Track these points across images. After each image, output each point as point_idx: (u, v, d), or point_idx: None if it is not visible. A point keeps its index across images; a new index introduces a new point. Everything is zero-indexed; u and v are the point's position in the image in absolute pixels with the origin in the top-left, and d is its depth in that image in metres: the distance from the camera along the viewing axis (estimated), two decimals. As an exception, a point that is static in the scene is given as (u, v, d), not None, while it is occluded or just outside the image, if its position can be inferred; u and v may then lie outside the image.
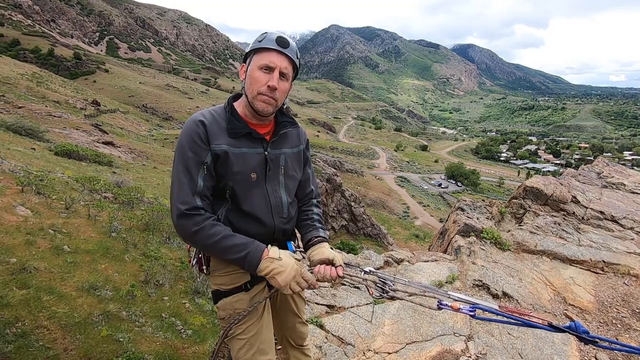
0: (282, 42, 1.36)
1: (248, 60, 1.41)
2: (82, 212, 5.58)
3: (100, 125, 30.59)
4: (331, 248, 1.49)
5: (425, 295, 1.32)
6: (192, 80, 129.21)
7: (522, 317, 1.12)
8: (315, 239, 1.50)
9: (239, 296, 1.44)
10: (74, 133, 22.21)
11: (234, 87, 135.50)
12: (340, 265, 1.40)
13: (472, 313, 1.18)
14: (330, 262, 1.40)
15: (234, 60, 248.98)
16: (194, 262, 1.50)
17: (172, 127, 58.62)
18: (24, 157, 9.92)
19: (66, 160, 13.02)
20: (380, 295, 1.34)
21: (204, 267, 1.47)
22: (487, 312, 1.17)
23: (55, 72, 67.83)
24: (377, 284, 1.35)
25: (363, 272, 1.41)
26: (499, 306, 1.15)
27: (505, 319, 1.14)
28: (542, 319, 1.10)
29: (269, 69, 1.35)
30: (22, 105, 26.21)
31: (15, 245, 3.90)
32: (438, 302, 1.23)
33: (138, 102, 68.26)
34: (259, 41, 1.38)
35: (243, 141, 1.39)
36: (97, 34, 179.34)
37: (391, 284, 1.35)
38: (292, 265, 1.29)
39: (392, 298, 1.35)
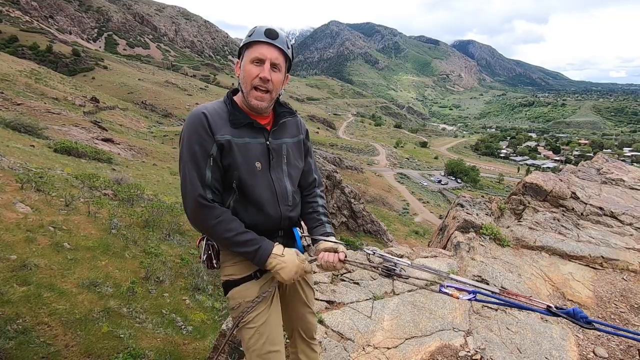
0: (270, 33, 1.40)
1: (241, 56, 1.45)
2: (82, 209, 5.58)
3: (99, 122, 30.51)
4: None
5: (427, 283, 1.33)
6: (191, 76, 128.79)
7: (524, 301, 1.13)
8: (322, 236, 1.57)
9: (249, 285, 1.48)
10: (73, 130, 22.16)
11: (233, 84, 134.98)
12: (343, 252, 1.47)
13: (473, 297, 1.21)
14: (334, 250, 1.48)
15: (233, 57, 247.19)
16: (204, 257, 1.53)
17: (172, 124, 58.44)
18: (23, 154, 9.91)
19: (65, 157, 13.01)
20: (387, 275, 1.39)
21: (215, 262, 1.51)
22: (487, 297, 1.19)
23: (54, 68, 67.47)
24: (382, 268, 1.40)
25: (367, 254, 1.48)
26: (500, 289, 1.17)
27: (504, 302, 1.16)
28: (541, 302, 1.11)
29: (260, 62, 1.39)
30: (21, 102, 26.11)
31: (16, 242, 3.91)
32: (440, 287, 1.27)
33: (137, 99, 67.99)
34: (249, 35, 1.42)
35: (245, 131, 1.43)
36: (96, 30, 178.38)
37: (397, 269, 1.39)
38: (294, 261, 1.41)
39: (399, 277, 1.39)
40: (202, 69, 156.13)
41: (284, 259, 1.39)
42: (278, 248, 1.41)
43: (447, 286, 1.26)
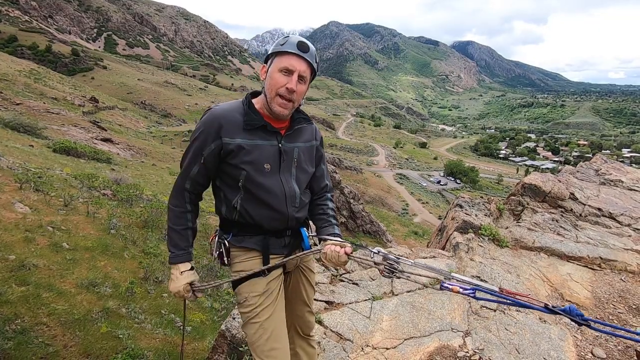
0: (302, 46, 1.44)
1: (269, 62, 1.49)
2: (81, 209, 5.58)
3: (98, 122, 30.51)
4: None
5: (429, 282, 1.34)
6: (190, 77, 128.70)
7: (522, 299, 1.15)
8: (329, 236, 1.61)
9: (256, 280, 1.52)
10: (72, 130, 22.15)
11: (232, 84, 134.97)
12: (349, 246, 1.51)
13: (472, 294, 1.23)
14: (340, 246, 1.52)
15: (232, 57, 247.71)
16: (216, 254, 1.59)
17: (171, 124, 58.40)
18: (22, 154, 9.90)
19: (64, 157, 12.99)
20: (390, 274, 1.41)
21: (225, 259, 1.57)
22: (487, 294, 1.22)
23: (53, 68, 67.38)
24: (385, 266, 1.42)
25: (372, 253, 1.50)
26: (499, 288, 1.18)
27: (503, 299, 1.18)
28: (539, 301, 1.13)
29: (288, 72, 1.43)
30: (20, 102, 26.08)
31: (14, 242, 3.90)
32: (441, 283, 1.30)
33: (136, 99, 67.96)
34: (281, 44, 1.45)
35: (258, 134, 1.48)
36: (95, 30, 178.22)
37: (399, 266, 1.42)
38: (184, 281, 1.53)
39: (402, 274, 1.42)
40: (202, 69, 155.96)
41: (179, 275, 1.52)
42: (185, 265, 1.54)
43: (448, 284, 1.28)
